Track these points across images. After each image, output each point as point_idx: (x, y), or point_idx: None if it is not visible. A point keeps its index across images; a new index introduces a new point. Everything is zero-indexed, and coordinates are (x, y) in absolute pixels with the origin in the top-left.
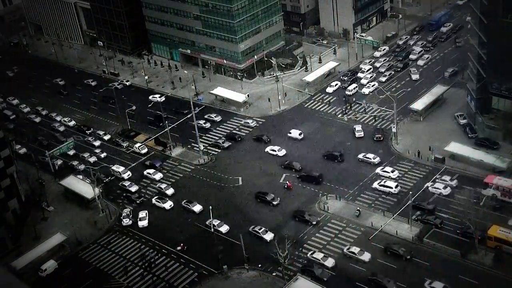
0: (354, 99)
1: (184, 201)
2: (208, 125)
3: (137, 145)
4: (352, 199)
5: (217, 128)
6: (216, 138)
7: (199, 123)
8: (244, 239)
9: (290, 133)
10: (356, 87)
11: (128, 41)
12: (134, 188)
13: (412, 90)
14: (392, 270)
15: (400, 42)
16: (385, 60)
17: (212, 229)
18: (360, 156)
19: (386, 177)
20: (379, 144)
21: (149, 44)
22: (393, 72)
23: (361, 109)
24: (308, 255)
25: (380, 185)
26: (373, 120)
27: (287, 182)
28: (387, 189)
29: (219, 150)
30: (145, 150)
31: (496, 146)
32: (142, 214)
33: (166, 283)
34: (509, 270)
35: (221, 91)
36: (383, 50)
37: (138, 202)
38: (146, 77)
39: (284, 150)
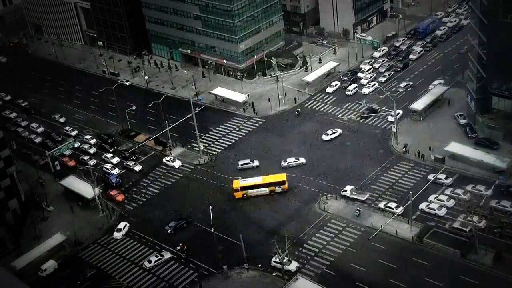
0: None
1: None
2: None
3: (168, 158)
4: (352, 199)
5: (217, 128)
6: (216, 138)
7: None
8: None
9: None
10: (356, 87)
11: (128, 41)
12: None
13: (412, 90)
14: (392, 270)
15: (397, 44)
16: (384, 60)
17: (212, 229)
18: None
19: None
20: (379, 144)
21: (149, 44)
22: (392, 73)
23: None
24: None
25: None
26: (374, 120)
27: None
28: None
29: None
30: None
31: (496, 146)
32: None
33: (166, 283)
34: (509, 270)
35: (221, 91)
36: (382, 51)
37: None
38: (146, 77)
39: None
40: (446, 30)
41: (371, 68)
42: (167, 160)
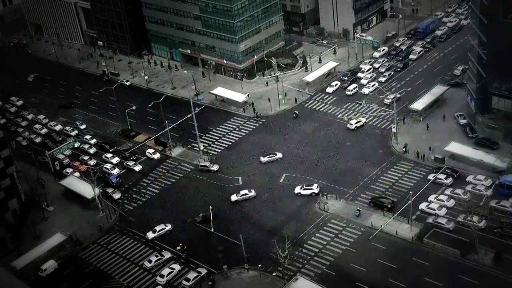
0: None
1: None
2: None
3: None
4: (352, 199)
5: (217, 128)
6: (216, 138)
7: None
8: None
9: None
10: (356, 87)
11: (128, 41)
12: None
13: (412, 90)
14: (392, 270)
15: (397, 44)
16: (384, 60)
17: (212, 229)
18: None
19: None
20: (379, 144)
21: (149, 44)
22: (392, 73)
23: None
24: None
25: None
26: (374, 120)
27: None
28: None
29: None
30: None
31: (496, 146)
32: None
33: (166, 283)
34: (509, 270)
35: (221, 91)
36: (382, 51)
37: None
38: (146, 77)
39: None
40: (446, 30)
41: (371, 68)
42: (204, 166)
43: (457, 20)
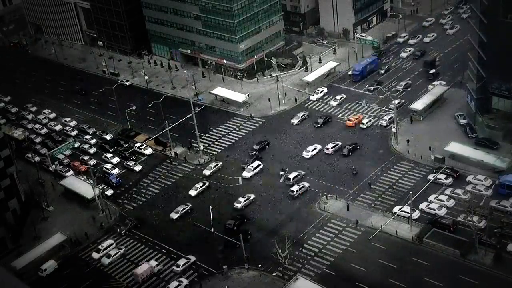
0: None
1: None
2: None
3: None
4: (352, 199)
5: (217, 128)
6: (216, 138)
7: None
8: None
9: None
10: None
11: (128, 41)
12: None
13: (412, 90)
14: (392, 270)
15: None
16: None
17: (212, 229)
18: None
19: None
20: (379, 144)
21: (149, 44)
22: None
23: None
24: None
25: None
26: (373, 120)
27: None
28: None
29: None
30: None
31: (496, 146)
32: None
33: (166, 283)
34: (509, 270)
35: (221, 91)
36: (320, 92)
37: None
38: (146, 77)
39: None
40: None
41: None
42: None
43: (451, 25)
